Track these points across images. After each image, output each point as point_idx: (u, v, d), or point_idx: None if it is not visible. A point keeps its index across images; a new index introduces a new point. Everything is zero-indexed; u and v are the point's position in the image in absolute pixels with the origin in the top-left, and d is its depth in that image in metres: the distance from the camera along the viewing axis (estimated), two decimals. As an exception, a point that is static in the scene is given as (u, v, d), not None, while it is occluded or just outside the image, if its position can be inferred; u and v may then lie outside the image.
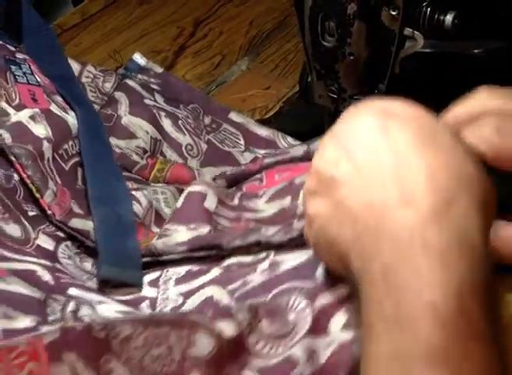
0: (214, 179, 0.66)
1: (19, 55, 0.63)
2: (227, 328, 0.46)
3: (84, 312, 0.50)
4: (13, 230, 0.54)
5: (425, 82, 0.64)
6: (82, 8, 0.93)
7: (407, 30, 0.57)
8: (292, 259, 0.52)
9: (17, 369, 0.40)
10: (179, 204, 0.59)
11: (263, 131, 0.72)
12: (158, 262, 0.56)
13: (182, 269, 0.55)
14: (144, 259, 0.56)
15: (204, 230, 0.56)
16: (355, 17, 0.56)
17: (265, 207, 0.60)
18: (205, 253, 0.55)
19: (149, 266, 0.56)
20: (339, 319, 0.46)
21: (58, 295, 0.51)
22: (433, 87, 0.66)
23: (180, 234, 0.56)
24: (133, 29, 0.90)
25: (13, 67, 0.61)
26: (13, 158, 0.57)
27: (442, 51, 0.61)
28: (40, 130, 0.59)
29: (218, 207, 0.59)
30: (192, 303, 0.52)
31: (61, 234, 0.57)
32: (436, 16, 0.57)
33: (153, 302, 0.53)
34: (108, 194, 0.60)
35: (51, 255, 0.55)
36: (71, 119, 0.62)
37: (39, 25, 0.71)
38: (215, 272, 0.54)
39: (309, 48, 0.60)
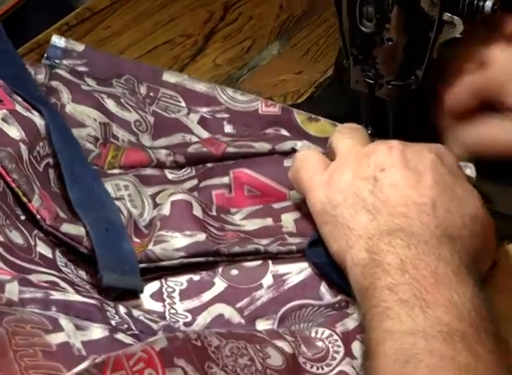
0: (170, 154, 0.66)
1: None
2: (285, 347, 0.49)
3: (136, 313, 0.50)
4: (16, 237, 0.53)
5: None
6: (111, -9, 0.93)
7: (446, 16, 0.57)
8: (294, 273, 0.55)
9: None
10: (165, 211, 0.58)
11: (201, 87, 0.71)
12: (153, 270, 0.56)
13: (182, 279, 0.55)
14: (141, 265, 0.55)
15: (201, 236, 0.56)
16: (394, 2, 0.56)
17: (243, 223, 0.60)
18: (204, 259, 0.55)
19: (144, 273, 0.55)
20: (357, 345, 0.51)
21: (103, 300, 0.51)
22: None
23: (177, 240, 0.56)
24: (162, 12, 0.89)
25: None
26: None
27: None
28: (14, 131, 0.56)
29: (204, 215, 0.59)
30: (204, 321, 0.53)
31: (54, 240, 0.55)
32: (476, 2, 0.56)
33: (162, 317, 0.53)
34: (91, 198, 0.58)
35: (53, 264, 0.54)
36: (37, 119, 0.59)
37: None
38: (220, 286, 0.55)
39: (346, 34, 0.60)
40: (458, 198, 0.51)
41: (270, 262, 0.56)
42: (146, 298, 0.54)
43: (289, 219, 0.59)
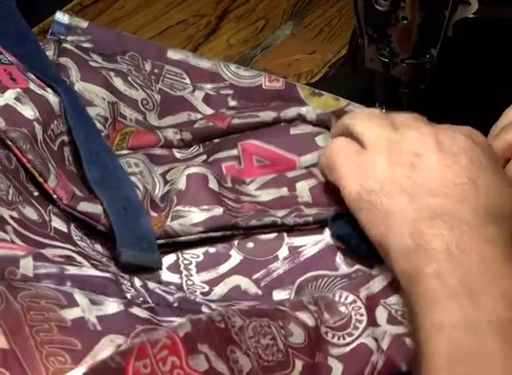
0: (177, 132, 0.67)
1: None
2: (308, 320, 0.49)
3: (151, 285, 0.50)
4: (30, 213, 0.53)
5: (478, 48, 0.64)
6: (124, -28, 0.93)
7: (462, -6, 0.57)
8: (310, 245, 0.56)
9: (161, 363, 0.40)
10: (181, 185, 0.58)
11: (205, 63, 0.71)
12: (170, 244, 0.56)
13: (198, 251, 0.56)
14: (160, 241, 0.56)
15: (218, 210, 0.56)
16: (409, -20, 0.56)
17: (258, 193, 0.60)
18: (222, 233, 0.56)
19: (160, 247, 0.56)
20: (381, 311, 0.51)
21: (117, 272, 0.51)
22: (486, 53, 0.66)
23: (195, 215, 0.56)
24: (175, -8, 0.90)
25: None
26: (10, 143, 0.54)
27: (496, 16, 0.61)
28: (29, 111, 0.57)
29: (220, 188, 0.59)
30: (221, 291, 0.54)
31: (68, 215, 0.56)
32: (491, -20, 0.56)
33: (179, 288, 0.54)
34: (107, 176, 0.58)
35: (69, 239, 0.54)
36: (51, 96, 0.60)
37: None
38: (236, 258, 0.55)
39: (361, 12, 0.60)
40: (495, 176, 0.50)
41: (285, 234, 0.56)
42: (163, 270, 0.55)
43: (304, 188, 0.60)
